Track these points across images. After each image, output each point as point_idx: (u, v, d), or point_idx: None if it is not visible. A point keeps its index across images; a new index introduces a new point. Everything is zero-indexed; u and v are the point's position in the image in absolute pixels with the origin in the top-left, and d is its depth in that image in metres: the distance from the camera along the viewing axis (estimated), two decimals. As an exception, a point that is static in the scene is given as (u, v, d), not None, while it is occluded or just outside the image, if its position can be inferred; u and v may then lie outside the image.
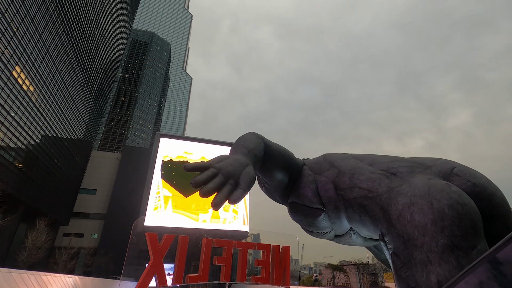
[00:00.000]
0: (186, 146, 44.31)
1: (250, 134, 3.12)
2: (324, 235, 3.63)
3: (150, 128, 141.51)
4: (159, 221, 38.47)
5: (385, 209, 2.70)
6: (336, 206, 3.17)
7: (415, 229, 2.39)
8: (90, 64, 66.55)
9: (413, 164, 3.13)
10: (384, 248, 2.75)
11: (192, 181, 1.80)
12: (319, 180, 3.37)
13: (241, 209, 43.90)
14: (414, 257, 2.33)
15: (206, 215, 40.87)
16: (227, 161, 2.12)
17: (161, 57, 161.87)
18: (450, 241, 2.26)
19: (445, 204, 2.41)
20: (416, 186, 2.66)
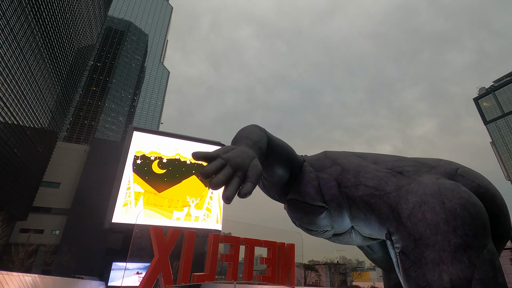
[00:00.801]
0: (161, 141, 42.98)
1: (253, 126, 2.99)
2: (323, 234, 3.53)
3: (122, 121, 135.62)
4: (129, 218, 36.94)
5: (394, 208, 2.67)
6: (339, 204, 3.10)
7: (427, 227, 2.39)
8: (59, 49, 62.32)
9: (418, 163, 3.13)
10: (390, 247, 2.71)
11: (202, 171, 1.72)
12: (321, 177, 3.28)
13: (214, 207, 43.36)
14: (425, 256, 2.31)
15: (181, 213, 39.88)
16: (235, 152, 2.03)
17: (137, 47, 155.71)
18: (462, 240, 2.27)
19: (457, 203, 2.43)
20: (426, 185, 2.67)
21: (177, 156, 43.65)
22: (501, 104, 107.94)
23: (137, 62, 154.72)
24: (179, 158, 43.91)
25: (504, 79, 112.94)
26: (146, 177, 39.97)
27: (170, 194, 40.91)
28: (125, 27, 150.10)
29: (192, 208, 41.64)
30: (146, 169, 40.52)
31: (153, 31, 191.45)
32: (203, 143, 47.28)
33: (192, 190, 42.98)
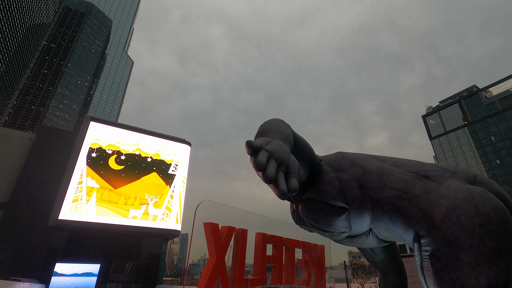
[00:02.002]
0: (120, 134, 40.32)
1: (279, 120, 2.84)
2: (338, 235, 3.45)
3: (76, 109, 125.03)
4: (78, 215, 34.00)
5: (425, 211, 2.69)
6: (362, 205, 3.06)
7: (462, 231, 2.43)
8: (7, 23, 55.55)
9: (440, 168, 3.20)
10: (416, 250, 2.72)
11: (258, 162, 1.61)
12: (342, 177, 3.21)
13: (175, 206, 41.77)
14: (460, 259, 2.36)
15: (138, 211, 37.57)
16: (274, 145, 1.91)
17: (99, 33, 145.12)
18: (497, 244, 2.36)
19: (490, 208, 2.52)
20: (457, 190, 2.73)
21: (138, 151, 41.34)
22: (444, 123, 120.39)
23: (97, 48, 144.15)
24: (140, 154, 41.64)
25: (447, 100, 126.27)
26: (102, 172, 37.23)
27: (127, 190, 38.56)
28: (86, 9, 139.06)
29: (151, 206, 39.69)
30: (102, 163, 37.75)
31: (118, 17, 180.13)
32: (168, 139, 45.38)
33: (151, 187, 40.98)
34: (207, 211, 2.73)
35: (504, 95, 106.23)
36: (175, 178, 43.30)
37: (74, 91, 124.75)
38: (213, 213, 7.16)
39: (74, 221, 33.46)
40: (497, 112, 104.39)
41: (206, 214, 5.54)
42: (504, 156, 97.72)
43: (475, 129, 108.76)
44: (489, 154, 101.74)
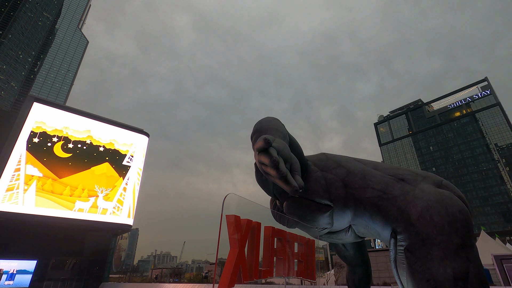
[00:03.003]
0: (70, 119, 36.72)
1: (276, 119, 2.97)
2: (320, 231, 3.66)
3: (15, 87, 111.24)
4: (13, 206, 30.31)
5: (403, 210, 2.99)
6: (345, 204, 3.26)
7: (434, 229, 2.78)
8: None
9: (413, 173, 3.54)
10: (392, 245, 3.04)
11: (275, 158, 1.64)
12: (327, 177, 3.38)
13: (128, 200, 39.40)
14: (431, 253, 2.70)
15: (85, 204, 34.58)
16: (279, 143, 1.97)
17: (48, 4, 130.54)
18: (461, 240, 2.75)
19: (456, 209, 2.92)
20: (430, 193, 3.08)
21: (89, 139, 38.06)
22: (393, 131, 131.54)
23: (45, 21, 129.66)
24: (91, 142, 38.39)
25: (396, 111, 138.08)
26: (45, 159, 33.57)
27: (74, 181, 35.34)
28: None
29: (100, 199, 36.88)
30: (45, 149, 34.03)
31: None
32: (124, 128, 42.49)
33: (102, 179, 38.08)
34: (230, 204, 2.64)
35: (443, 111, 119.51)
36: (130, 169, 40.77)
37: (14, 66, 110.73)
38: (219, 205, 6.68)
39: (6, 212, 29.77)
40: (436, 125, 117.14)
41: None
42: (439, 164, 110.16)
43: (417, 139, 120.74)
44: (427, 162, 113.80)
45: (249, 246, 2.77)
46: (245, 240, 2.78)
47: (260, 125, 2.71)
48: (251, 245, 2.85)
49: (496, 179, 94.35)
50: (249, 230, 2.84)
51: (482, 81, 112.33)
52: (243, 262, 2.71)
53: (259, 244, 2.95)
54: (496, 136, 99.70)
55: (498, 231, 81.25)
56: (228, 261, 2.58)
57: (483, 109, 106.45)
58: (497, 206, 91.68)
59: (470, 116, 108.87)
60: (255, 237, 2.91)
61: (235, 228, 2.68)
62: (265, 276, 3.26)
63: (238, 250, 2.66)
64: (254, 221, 2.92)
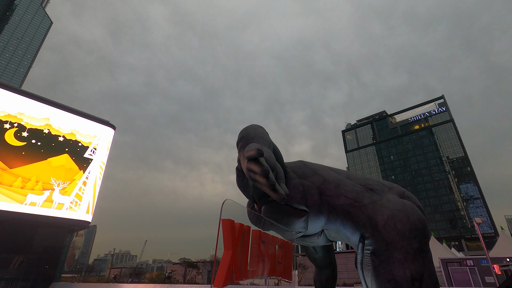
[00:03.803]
0: (25, 104, 33.75)
1: (261, 128, 3.13)
2: (295, 235, 3.85)
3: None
4: (-49, 197, 27.30)
5: (371, 217, 3.29)
6: (320, 210, 3.49)
7: (397, 235, 3.11)
8: None
9: (380, 184, 3.90)
10: (359, 249, 3.32)
11: (266, 168, 1.74)
12: (305, 184, 3.59)
13: (87, 195, 37.13)
14: (393, 257, 3.03)
15: (39, 197, 31.89)
16: (267, 152, 2.04)
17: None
18: (419, 245, 3.11)
19: (416, 218, 3.29)
20: (395, 202, 3.44)
21: (47, 128, 35.29)
22: (358, 139, 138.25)
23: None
24: (50, 131, 35.64)
25: (363, 120, 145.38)
26: (-7, 146, 30.65)
27: (27, 172, 32.58)
28: None
29: (56, 193, 34.35)
30: (-6, 135, 31.10)
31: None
32: (88, 119, 40.00)
33: (60, 171, 35.52)
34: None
35: (404, 123, 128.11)
36: (92, 163, 38.44)
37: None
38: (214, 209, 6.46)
39: None
40: (398, 136, 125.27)
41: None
42: (398, 173, 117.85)
43: (380, 148, 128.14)
44: (387, 170, 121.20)
45: (240, 248, 2.85)
46: (238, 242, 2.89)
47: (246, 132, 2.81)
48: (242, 247, 2.96)
49: (446, 189, 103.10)
50: (241, 233, 2.94)
51: (439, 98, 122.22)
52: (236, 263, 2.82)
53: (248, 246, 3.05)
54: (448, 150, 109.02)
55: (445, 237, 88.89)
56: (223, 262, 2.69)
57: (438, 124, 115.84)
58: (445, 213, 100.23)
59: (427, 129, 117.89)
60: (245, 240, 3.02)
61: (230, 232, 2.78)
62: (252, 276, 3.44)
63: (231, 252, 2.78)
64: (245, 225, 3.02)
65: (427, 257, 3.14)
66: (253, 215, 3.62)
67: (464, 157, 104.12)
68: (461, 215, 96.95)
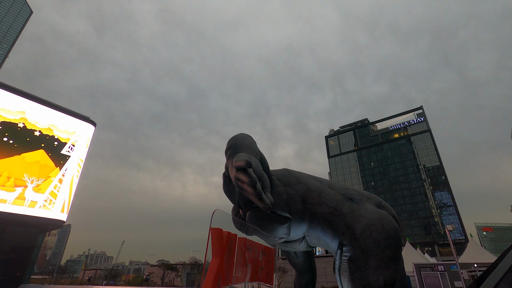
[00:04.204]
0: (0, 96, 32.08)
1: (250, 137, 3.21)
2: (277, 240, 3.98)
3: None
4: None
5: (350, 226, 3.48)
6: (302, 217, 3.64)
7: (372, 243, 3.33)
8: None
9: (359, 194, 4.12)
10: (338, 255, 3.52)
11: (254, 178, 1.84)
12: (289, 192, 3.71)
13: (63, 193, 35.67)
14: (368, 263, 3.23)
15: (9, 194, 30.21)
16: (254, 162, 2.13)
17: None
18: (392, 253, 3.33)
19: (390, 227, 3.52)
20: (371, 212, 3.66)
21: (22, 122, 33.75)
22: (341, 145, 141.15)
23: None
24: (25, 125, 34.10)
25: (346, 127, 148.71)
26: (-38, 139, 28.94)
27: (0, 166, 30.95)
28: None
29: (30, 190, 32.85)
30: (-36, 127, 29.41)
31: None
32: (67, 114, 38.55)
33: (34, 167, 34.01)
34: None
35: (385, 131, 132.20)
36: (69, 160, 36.98)
37: None
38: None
39: None
40: (378, 143, 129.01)
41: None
42: (377, 179, 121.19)
43: (361, 154, 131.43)
44: (368, 176, 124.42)
45: (226, 255, 2.94)
46: (225, 250, 2.97)
47: (235, 141, 2.87)
48: (228, 254, 3.05)
49: (421, 196, 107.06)
50: (228, 241, 3.03)
51: (418, 109, 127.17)
52: (223, 269, 2.90)
53: (234, 253, 3.15)
54: (425, 159, 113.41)
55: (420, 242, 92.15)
56: (211, 269, 2.77)
57: (417, 133, 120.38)
58: (420, 220, 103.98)
59: (406, 138, 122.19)
60: (231, 247, 3.11)
61: (218, 240, 2.87)
62: (237, 281, 3.52)
63: (219, 259, 2.87)
64: (232, 233, 3.11)
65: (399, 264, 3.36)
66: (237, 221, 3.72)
67: (439, 166, 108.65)
68: (435, 221, 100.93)
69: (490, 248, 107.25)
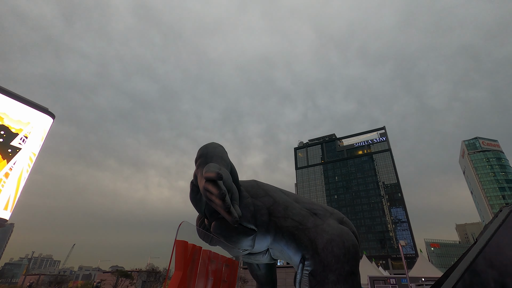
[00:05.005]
0: None
1: (221, 147, 3.23)
2: (242, 252, 3.96)
3: None
4: None
5: (313, 240, 3.55)
6: (267, 230, 3.66)
7: (333, 258, 3.41)
8: None
9: (323, 209, 4.22)
10: (299, 269, 3.57)
11: (224, 191, 1.84)
12: (256, 204, 3.73)
13: (8, 188, 32.34)
14: (328, 278, 3.31)
15: None
16: (225, 173, 2.15)
17: None
18: (351, 268, 3.43)
19: (350, 244, 3.63)
20: (334, 228, 3.75)
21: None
22: (309, 158, 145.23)
23: None
24: (-30, 110, 30.75)
25: (314, 140, 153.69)
26: None
27: None
28: None
29: (-32, 183, 29.42)
30: None
31: None
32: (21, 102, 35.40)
33: (-23, 158, 30.62)
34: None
35: (350, 147, 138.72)
36: (20, 152, 33.81)
37: None
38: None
39: None
40: (343, 158, 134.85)
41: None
42: (340, 193, 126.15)
43: (327, 168, 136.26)
44: (331, 189, 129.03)
45: (190, 268, 2.83)
46: (189, 263, 2.86)
47: (206, 150, 2.87)
48: (192, 267, 2.94)
49: (379, 212, 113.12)
50: (193, 254, 2.93)
51: (381, 129, 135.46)
52: (184, 284, 2.79)
53: (198, 266, 3.05)
54: (384, 176, 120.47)
55: (375, 255, 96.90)
56: (172, 283, 2.65)
57: (378, 152, 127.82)
58: (377, 234, 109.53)
59: (368, 156, 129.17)
60: (196, 260, 3.00)
61: (183, 253, 2.77)
62: None
63: (182, 272, 2.76)
64: (197, 246, 3.02)
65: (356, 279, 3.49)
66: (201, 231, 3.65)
67: (396, 184, 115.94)
68: (390, 236, 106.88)
69: (437, 263, 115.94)
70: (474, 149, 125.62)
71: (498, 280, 3.91)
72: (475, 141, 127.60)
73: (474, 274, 3.88)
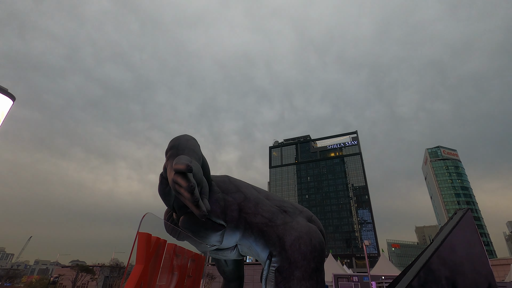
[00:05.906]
0: None
1: (194, 139, 3.15)
2: (209, 247, 3.90)
3: None
4: None
5: (281, 237, 3.58)
6: (237, 226, 3.65)
7: (299, 255, 3.46)
8: None
9: (293, 207, 4.28)
10: (266, 265, 3.59)
11: (193, 184, 1.78)
12: (227, 199, 3.69)
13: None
14: (294, 274, 3.36)
15: None
16: (195, 165, 2.09)
17: None
18: (316, 265, 3.50)
19: (317, 241, 3.70)
20: (302, 225, 3.80)
21: None
22: (283, 157, 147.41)
23: None
24: None
25: (289, 140, 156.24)
26: None
27: None
28: None
29: None
30: None
31: None
32: (-23, 81, 32.39)
33: None
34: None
35: (323, 149, 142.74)
36: (-28, 136, 30.95)
37: None
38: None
39: None
40: (316, 160, 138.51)
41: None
42: (311, 193, 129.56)
43: (300, 168, 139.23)
44: (303, 189, 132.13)
45: (152, 262, 2.71)
46: (151, 257, 2.73)
47: (178, 142, 2.78)
48: (155, 261, 2.80)
49: (347, 212, 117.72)
50: (156, 247, 2.80)
51: (353, 133, 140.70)
52: (145, 278, 2.65)
53: (161, 260, 2.92)
54: (354, 179, 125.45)
55: (340, 254, 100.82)
56: (132, 277, 2.50)
57: (349, 155, 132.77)
58: (343, 234, 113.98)
59: (340, 158, 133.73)
60: (159, 253, 2.87)
61: (145, 245, 2.63)
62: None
63: (143, 266, 2.63)
64: (162, 239, 2.89)
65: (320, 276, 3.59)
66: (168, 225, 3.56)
67: (364, 186, 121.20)
68: (355, 236, 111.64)
69: (396, 262, 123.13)
70: (436, 157, 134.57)
71: (450, 278, 4.22)
72: (437, 150, 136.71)
73: (429, 272, 4.13)
